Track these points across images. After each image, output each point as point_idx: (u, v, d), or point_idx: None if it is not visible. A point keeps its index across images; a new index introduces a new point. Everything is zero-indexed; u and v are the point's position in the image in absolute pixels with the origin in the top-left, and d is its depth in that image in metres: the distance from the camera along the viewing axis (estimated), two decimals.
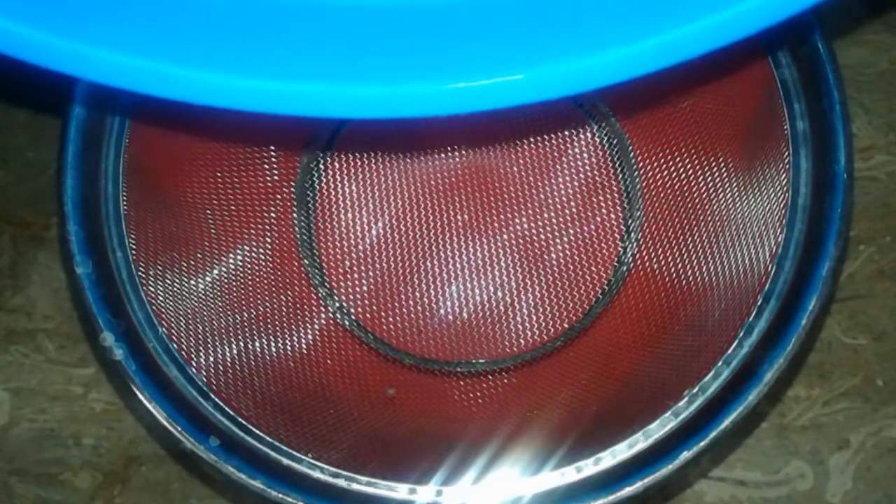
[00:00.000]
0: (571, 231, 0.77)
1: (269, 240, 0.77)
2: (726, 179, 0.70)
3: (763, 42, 0.63)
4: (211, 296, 0.70)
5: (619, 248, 0.77)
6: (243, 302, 0.73)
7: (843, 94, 0.60)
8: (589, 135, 0.80)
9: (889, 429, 0.78)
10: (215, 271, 0.72)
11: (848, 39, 0.85)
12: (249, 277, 0.74)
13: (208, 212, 0.73)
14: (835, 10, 0.85)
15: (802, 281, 0.59)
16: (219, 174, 0.74)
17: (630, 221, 0.77)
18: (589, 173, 0.78)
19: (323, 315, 0.78)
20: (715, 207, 0.70)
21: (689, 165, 0.73)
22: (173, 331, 0.64)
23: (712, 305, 0.67)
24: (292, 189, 0.80)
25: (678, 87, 0.72)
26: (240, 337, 0.70)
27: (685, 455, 0.57)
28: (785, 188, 0.62)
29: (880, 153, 0.84)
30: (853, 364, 0.80)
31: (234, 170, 0.75)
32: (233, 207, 0.75)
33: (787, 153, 0.62)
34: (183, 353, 0.63)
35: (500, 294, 0.77)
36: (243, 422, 0.61)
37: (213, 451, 0.59)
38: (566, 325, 0.76)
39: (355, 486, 0.60)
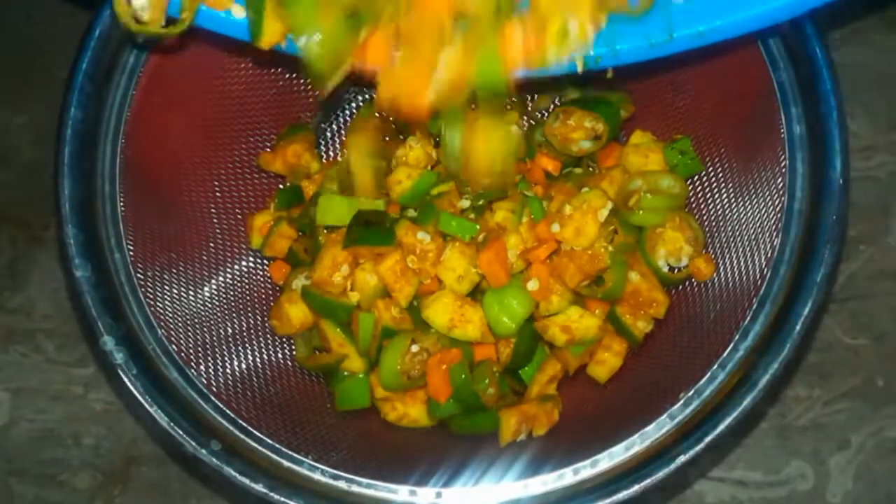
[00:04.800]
0: None
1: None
2: (722, 182, 0.69)
3: (760, 44, 0.63)
4: (209, 296, 0.70)
5: None
6: (241, 303, 0.73)
7: (840, 99, 0.60)
8: None
9: (889, 429, 0.78)
10: (214, 272, 0.72)
11: (848, 39, 0.85)
12: (248, 278, 0.74)
13: (205, 210, 0.73)
14: (835, 10, 0.84)
15: (798, 285, 0.59)
16: (215, 172, 0.74)
17: None
18: None
19: None
20: (710, 210, 0.70)
21: None
22: (172, 333, 0.64)
23: (707, 307, 0.67)
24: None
25: (674, 90, 0.72)
26: (238, 339, 0.70)
27: (682, 459, 0.57)
28: (781, 192, 0.62)
29: (880, 153, 0.83)
30: (853, 364, 0.79)
31: (231, 168, 0.75)
32: (229, 205, 0.75)
33: (783, 157, 0.62)
34: (182, 354, 0.63)
35: None
36: (244, 424, 0.61)
37: (214, 455, 0.59)
38: None
39: (355, 489, 0.60)
